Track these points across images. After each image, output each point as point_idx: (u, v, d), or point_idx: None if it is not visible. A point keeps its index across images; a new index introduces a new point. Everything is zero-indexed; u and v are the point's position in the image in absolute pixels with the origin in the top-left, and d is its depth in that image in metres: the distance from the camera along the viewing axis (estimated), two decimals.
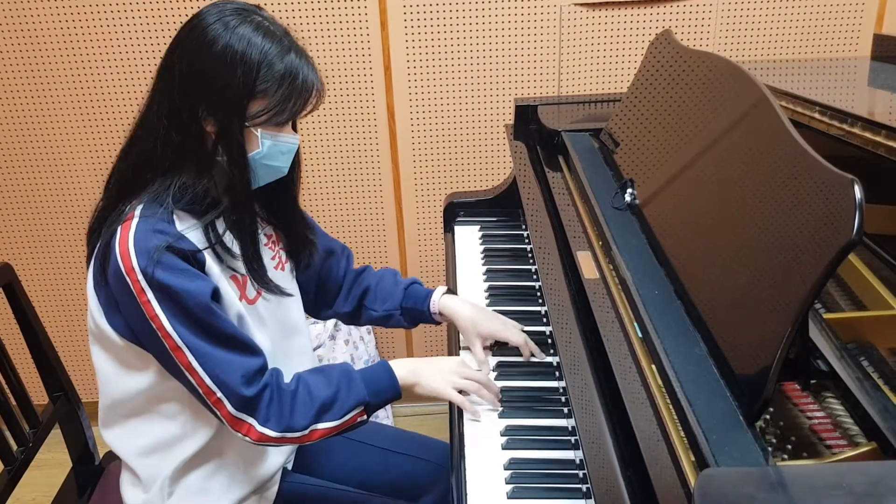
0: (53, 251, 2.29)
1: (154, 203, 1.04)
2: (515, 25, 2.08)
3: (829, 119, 1.19)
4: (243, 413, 1.05)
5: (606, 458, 0.90)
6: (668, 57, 1.37)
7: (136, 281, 0.99)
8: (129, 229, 1.01)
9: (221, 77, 1.01)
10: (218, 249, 1.07)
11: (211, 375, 1.02)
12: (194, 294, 1.00)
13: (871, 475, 0.66)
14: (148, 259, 0.98)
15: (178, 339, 1.01)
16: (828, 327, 0.94)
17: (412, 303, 1.35)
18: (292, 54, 1.04)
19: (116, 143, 2.13)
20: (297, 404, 1.07)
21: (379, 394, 1.14)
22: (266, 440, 1.06)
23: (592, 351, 1.07)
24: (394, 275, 1.40)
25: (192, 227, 1.06)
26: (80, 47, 2.05)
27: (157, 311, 1.00)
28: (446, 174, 2.24)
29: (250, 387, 1.04)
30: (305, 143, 2.17)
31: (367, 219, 2.29)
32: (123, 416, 1.15)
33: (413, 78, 2.12)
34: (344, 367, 1.14)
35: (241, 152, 1.05)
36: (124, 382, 1.11)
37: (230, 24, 1.02)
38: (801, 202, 0.82)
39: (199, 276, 1.03)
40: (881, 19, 2.10)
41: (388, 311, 1.35)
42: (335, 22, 2.05)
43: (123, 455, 1.17)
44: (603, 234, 1.21)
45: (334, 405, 1.09)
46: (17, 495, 1.35)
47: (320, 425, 1.09)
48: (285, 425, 1.06)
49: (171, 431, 1.12)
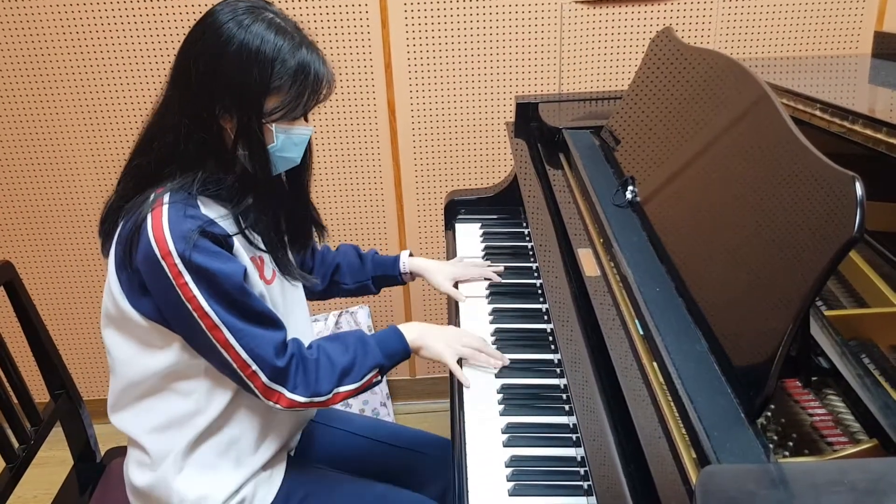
0: (54, 249, 2.29)
1: (180, 191, 1.07)
2: (516, 23, 2.08)
3: (830, 116, 1.18)
4: (275, 383, 1.11)
5: (608, 454, 0.90)
6: (669, 54, 1.37)
7: (174, 264, 1.02)
8: (161, 214, 1.04)
9: (238, 76, 1.04)
10: (249, 235, 1.12)
11: (247, 350, 1.08)
12: (229, 275, 1.05)
13: (873, 472, 0.66)
14: (185, 243, 1.02)
15: (216, 317, 1.05)
16: (829, 324, 0.94)
17: (382, 271, 1.49)
18: (304, 49, 1.07)
19: (118, 141, 2.14)
20: (321, 371, 1.15)
21: (392, 356, 1.22)
22: (295, 405, 1.13)
23: (594, 348, 1.07)
24: (355, 249, 1.51)
25: (222, 216, 1.10)
26: (81, 45, 2.05)
27: (194, 293, 1.04)
28: (447, 172, 2.24)
29: (281, 358, 1.11)
30: None
31: (368, 216, 2.29)
32: (137, 397, 1.17)
33: (414, 75, 2.12)
34: (358, 334, 1.22)
35: (261, 147, 1.09)
36: (143, 362, 1.13)
37: (244, 22, 1.04)
38: (802, 199, 0.82)
39: (231, 258, 1.08)
40: (882, 17, 2.10)
41: (360, 281, 1.48)
42: (337, 19, 2.05)
43: (135, 434, 1.18)
44: (604, 231, 1.21)
45: (353, 369, 1.17)
46: (19, 493, 1.35)
47: (342, 388, 1.16)
48: (312, 391, 1.14)
49: (184, 408, 1.15)
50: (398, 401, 2.53)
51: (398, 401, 2.53)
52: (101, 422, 1.35)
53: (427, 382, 2.54)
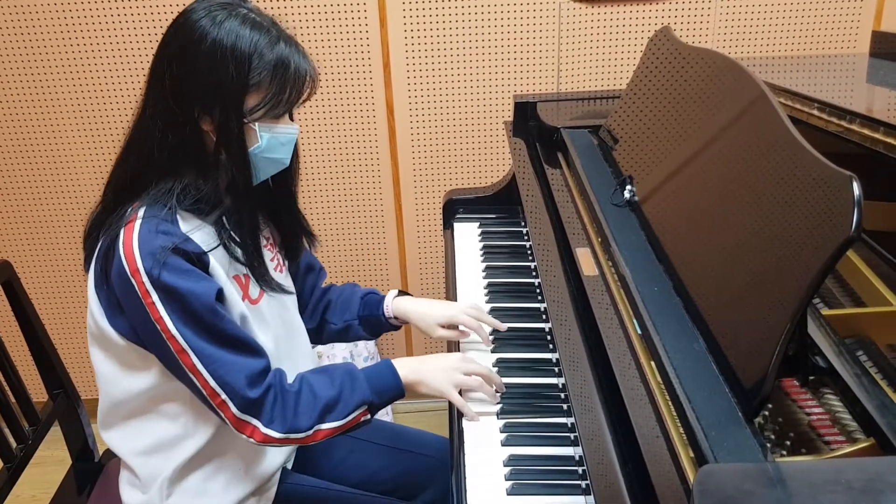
0: (52, 248, 2.29)
1: (156, 205, 1.03)
2: (514, 22, 2.08)
3: (827, 116, 1.19)
4: (247, 415, 1.05)
5: (606, 454, 0.90)
6: (667, 53, 1.37)
7: (142, 283, 0.98)
8: (132, 231, 1.00)
9: (214, 74, 1.00)
10: (228, 247, 1.07)
11: (215, 377, 1.02)
12: (199, 295, 1.00)
13: (869, 471, 0.66)
14: (153, 261, 0.98)
15: (183, 341, 1.00)
16: (826, 324, 0.94)
17: (368, 311, 1.34)
18: (281, 44, 1.04)
19: (116, 142, 2.13)
20: (301, 405, 1.07)
21: (382, 393, 1.14)
22: (270, 441, 1.06)
23: (592, 348, 1.07)
24: (353, 287, 1.39)
25: (197, 227, 1.05)
26: (79, 45, 2.05)
27: (161, 314, 0.99)
28: (445, 171, 2.24)
29: (254, 388, 1.04)
30: (304, 141, 2.17)
31: (367, 216, 2.29)
32: (124, 416, 1.15)
33: (412, 74, 2.12)
34: (347, 367, 1.14)
35: (241, 149, 1.05)
36: (125, 383, 1.10)
37: (217, 18, 1.01)
38: (799, 199, 0.82)
39: (204, 277, 1.03)
40: (880, 16, 2.11)
41: (347, 321, 1.35)
42: (334, 19, 2.05)
43: (123, 455, 1.16)
44: (602, 230, 1.21)
45: (338, 405, 1.09)
46: (17, 493, 1.35)
47: (324, 425, 1.09)
48: (289, 426, 1.06)
49: (172, 431, 1.12)
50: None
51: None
52: None
53: None
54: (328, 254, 2.33)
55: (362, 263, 2.34)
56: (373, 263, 2.34)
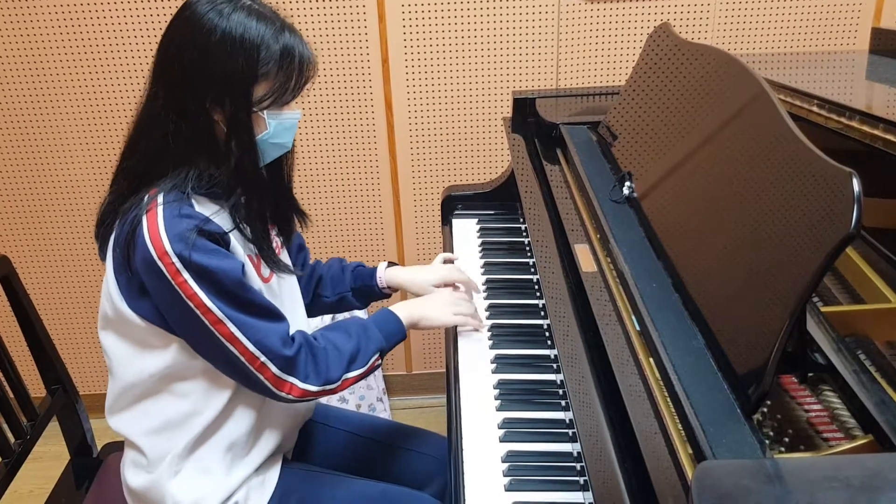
0: (51, 243, 2.29)
1: (174, 191, 1.06)
2: (514, 18, 2.07)
3: (827, 112, 1.18)
4: (285, 373, 1.11)
5: (604, 450, 0.90)
6: (667, 50, 1.37)
7: (171, 264, 1.02)
8: (156, 216, 1.03)
9: (224, 66, 1.03)
10: (243, 229, 1.12)
11: (254, 342, 1.07)
12: (228, 271, 1.05)
13: (868, 468, 0.66)
14: (184, 243, 1.02)
15: (220, 312, 1.05)
16: (825, 321, 0.94)
17: (360, 282, 1.44)
18: (286, 33, 1.07)
19: (115, 137, 2.13)
20: (330, 359, 1.16)
21: (390, 337, 1.24)
22: (308, 395, 1.14)
23: (590, 344, 1.07)
24: (339, 262, 1.47)
25: (215, 212, 1.09)
26: (79, 42, 2.05)
27: (195, 290, 1.03)
28: (444, 167, 2.24)
29: (289, 348, 1.11)
30: (302, 137, 2.17)
31: (365, 212, 2.29)
32: (134, 399, 1.16)
33: (411, 70, 2.12)
34: (357, 320, 1.24)
35: (250, 137, 1.08)
36: (139, 364, 1.13)
37: (223, 11, 1.04)
38: (799, 195, 0.82)
39: (229, 255, 1.08)
40: (879, 13, 2.10)
41: (340, 293, 1.44)
42: (333, 14, 2.05)
43: (132, 436, 1.18)
44: (601, 227, 1.21)
45: (359, 355, 1.19)
46: (15, 488, 1.35)
47: (351, 374, 1.18)
48: (324, 379, 1.15)
49: (182, 409, 1.14)
50: (395, 396, 2.54)
51: (395, 396, 2.54)
52: (98, 417, 1.35)
53: (424, 378, 2.54)
54: (326, 248, 2.33)
55: (360, 259, 2.33)
56: (371, 259, 2.34)
